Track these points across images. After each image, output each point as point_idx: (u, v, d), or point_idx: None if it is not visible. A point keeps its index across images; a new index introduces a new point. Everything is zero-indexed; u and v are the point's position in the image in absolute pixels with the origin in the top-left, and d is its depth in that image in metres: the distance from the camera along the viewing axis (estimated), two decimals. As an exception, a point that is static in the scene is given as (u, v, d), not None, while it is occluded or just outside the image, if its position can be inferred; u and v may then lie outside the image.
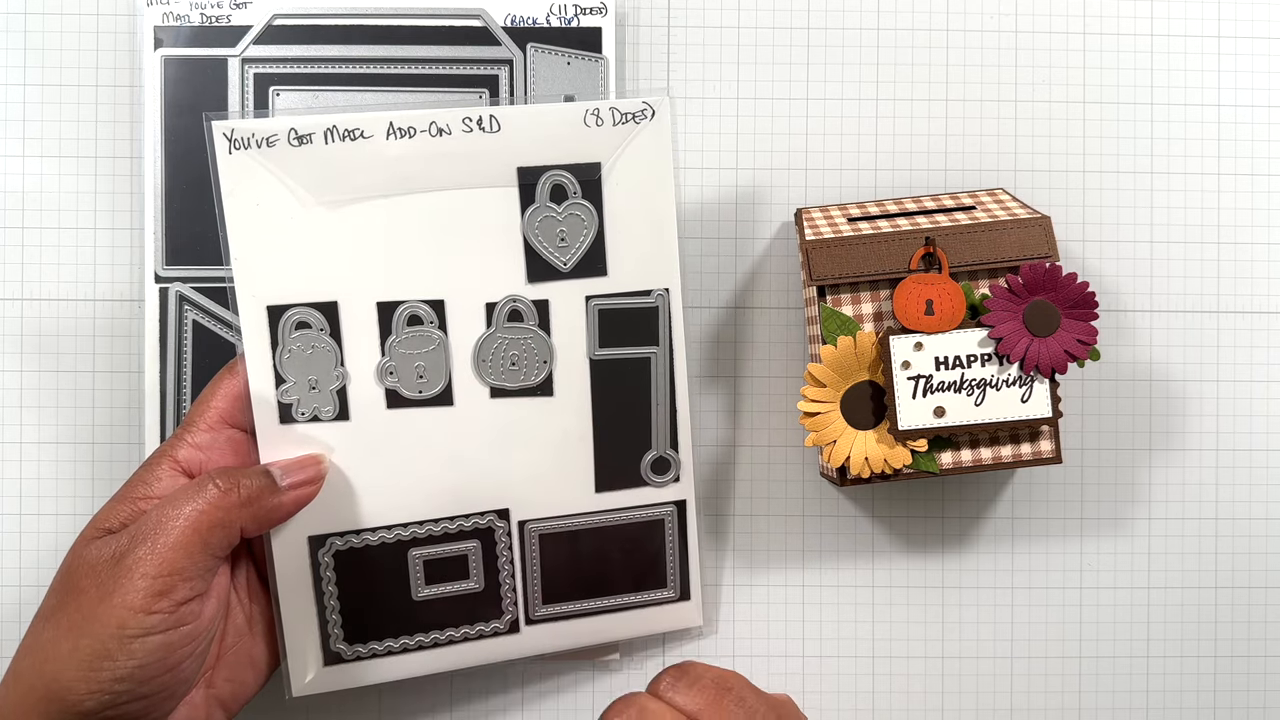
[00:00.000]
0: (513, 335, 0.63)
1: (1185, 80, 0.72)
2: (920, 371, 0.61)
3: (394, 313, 0.62)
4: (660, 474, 0.66)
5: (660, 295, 0.64)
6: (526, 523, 0.64)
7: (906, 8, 0.71)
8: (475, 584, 0.64)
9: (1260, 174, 0.72)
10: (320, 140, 0.60)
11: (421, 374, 0.62)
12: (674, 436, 0.66)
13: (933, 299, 0.61)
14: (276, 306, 0.60)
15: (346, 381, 0.62)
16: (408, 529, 0.63)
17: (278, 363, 0.61)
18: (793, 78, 0.71)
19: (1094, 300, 0.61)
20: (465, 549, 0.64)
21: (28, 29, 0.69)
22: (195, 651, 0.54)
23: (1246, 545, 0.72)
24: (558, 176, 0.62)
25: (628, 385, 0.65)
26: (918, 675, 0.71)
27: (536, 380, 0.63)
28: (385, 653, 0.64)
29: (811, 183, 0.71)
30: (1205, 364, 0.72)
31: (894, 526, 0.71)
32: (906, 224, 0.63)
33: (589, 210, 0.63)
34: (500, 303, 0.63)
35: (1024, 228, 0.62)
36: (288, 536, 0.61)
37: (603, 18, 0.69)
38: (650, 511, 0.66)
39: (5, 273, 0.69)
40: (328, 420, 0.61)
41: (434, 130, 0.61)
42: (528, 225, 0.62)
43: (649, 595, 0.67)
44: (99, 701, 0.51)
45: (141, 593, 0.52)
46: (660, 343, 0.65)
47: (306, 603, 0.62)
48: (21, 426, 0.69)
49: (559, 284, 0.63)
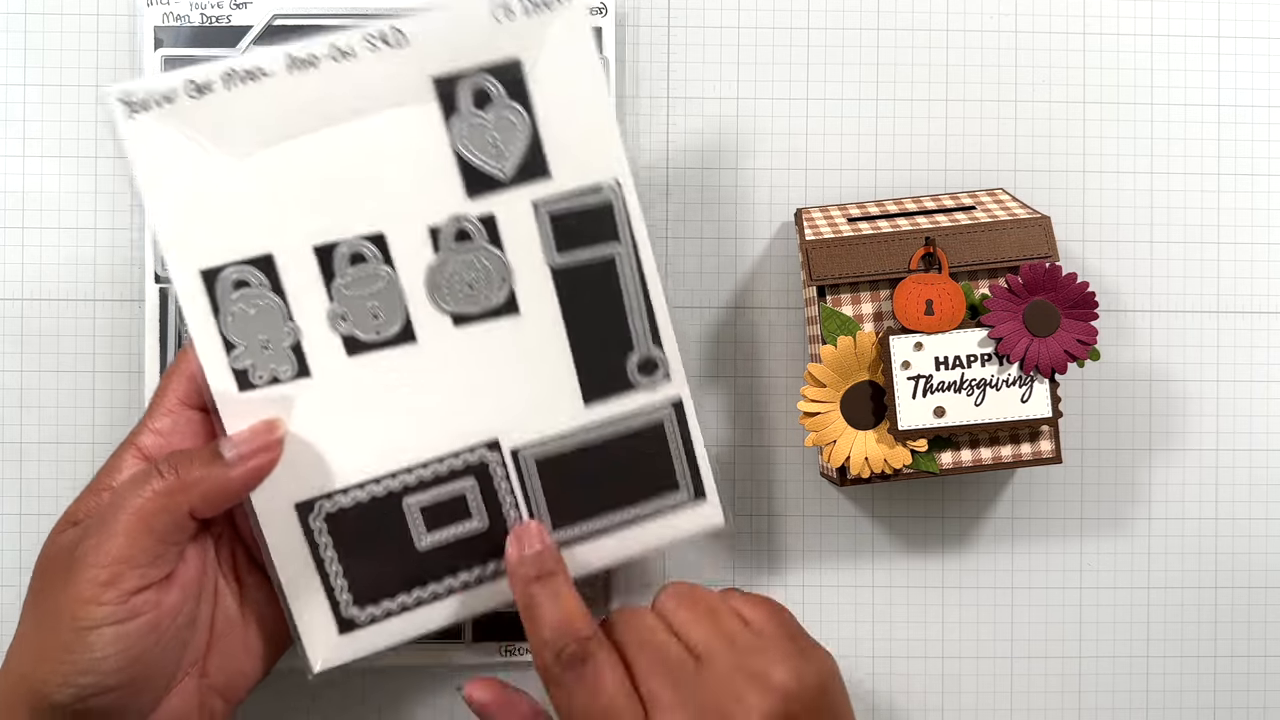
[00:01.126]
0: (464, 257, 0.60)
1: (1185, 80, 0.72)
2: (920, 371, 0.61)
3: (333, 255, 0.58)
4: (649, 374, 0.62)
5: (611, 188, 0.61)
6: (519, 450, 0.61)
7: (906, 8, 0.71)
8: (479, 523, 0.61)
9: (1260, 174, 0.72)
10: (220, 87, 0.56)
11: (376, 314, 0.59)
12: (655, 333, 0.62)
13: (933, 299, 0.61)
14: (209, 269, 0.57)
15: (299, 336, 0.58)
16: (396, 478, 0.60)
17: (223, 328, 0.57)
18: (793, 78, 0.71)
19: (1094, 300, 0.61)
20: (461, 488, 0.61)
21: (28, 29, 0.69)
22: (162, 642, 0.53)
23: (1246, 545, 0.72)
24: (478, 81, 0.58)
25: (596, 288, 0.61)
26: (918, 675, 0.71)
27: (499, 300, 0.60)
28: (400, 610, 0.61)
29: (811, 183, 0.71)
30: (1205, 364, 0.72)
31: (894, 526, 0.71)
32: (906, 224, 0.63)
33: (518, 111, 0.59)
34: (444, 225, 0.59)
35: (1024, 228, 0.62)
36: (274, 509, 0.59)
37: (603, 18, 0.68)
38: (646, 416, 0.62)
39: (5, 273, 0.69)
40: (288, 380, 0.58)
41: (337, 55, 0.57)
42: (455, 137, 0.59)
43: (662, 501, 0.63)
44: (69, 694, 0.51)
45: (89, 584, 0.51)
46: (621, 237, 0.61)
47: (308, 573, 0.60)
48: (21, 426, 0.69)
49: (502, 194, 0.59)
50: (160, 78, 0.56)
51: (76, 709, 0.51)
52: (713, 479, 0.63)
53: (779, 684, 0.53)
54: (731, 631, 0.55)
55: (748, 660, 0.54)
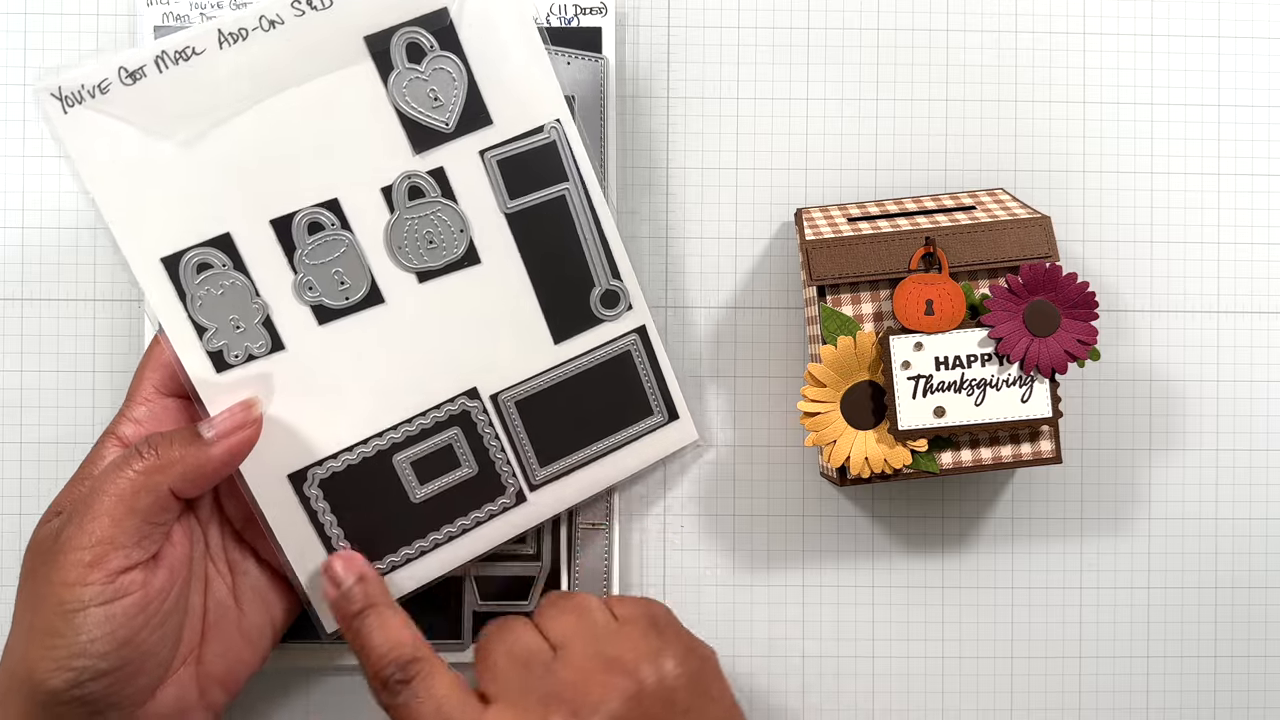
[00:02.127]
0: (420, 213, 0.61)
1: (1185, 80, 0.72)
2: (920, 371, 0.61)
3: (291, 226, 0.59)
4: (611, 307, 0.64)
5: (553, 128, 0.62)
6: (498, 395, 0.63)
7: (906, 8, 0.71)
8: (469, 469, 0.63)
9: (1260, 174, 0.72)
10: (154, 71, 0.56)
11: (342, 280, 0.60)
12: (613, 267, 0.64)
13: (933, 299, 0.61)
14: (170, 256, 0.58)
15: (269, 311, 0.59)
16: (383, 437, 0.62)
17: (192, 313, 0.58)
18: (793, 78, 0.71)
19: (1094, 300, 0.61)
20: (448, 438, 0.63)
21: (28, 29, 0.69)
22: (150, 623, 0.54)
23: (1246, 545, 0.72)
24: (409, 35, 0.59)
25: (551, 229, 0.63)
26: (918, 675, 0.71)
27: (459, 252, 0.61)
28: (404, 562, 0.63)
29: (811, 183, 0.71)
30: (1205, 364, 0.72)
31: (894, 526, 0.71)
32: (906, 224, 0.63)
33: (453, 61, 0.60)
34: (395, 183, 0.60)
35: (1024, 228, 0.62)
36: (267, 483, 0.60)
37: (603, 18, 0.68)
38: (614, 346, 0.65)
39: (5, 273, 0.69)
40: (263, 356, 0.59)
41: (265, 25, 0.57)
42: (394, 94, 0.59)
43: (639, 426, 0.66)
44: (63, 680, 0.51)
45: (74, 566, 0.51)
46: (569, 176, 0.63)
47: (310, 540, 0.61)
48: (21, 426, 0.69)
49: (448, 147, 0.61)
50: (91, 68, 0.56)
51: (73, 695, 0.51)
52: (683, 398, 0.67)
53: (634, 669, 0.54)
54: (595, 623, 0.56)
55: (606, 647, 0.55)
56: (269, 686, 0.69)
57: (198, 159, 0.58)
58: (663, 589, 0.70)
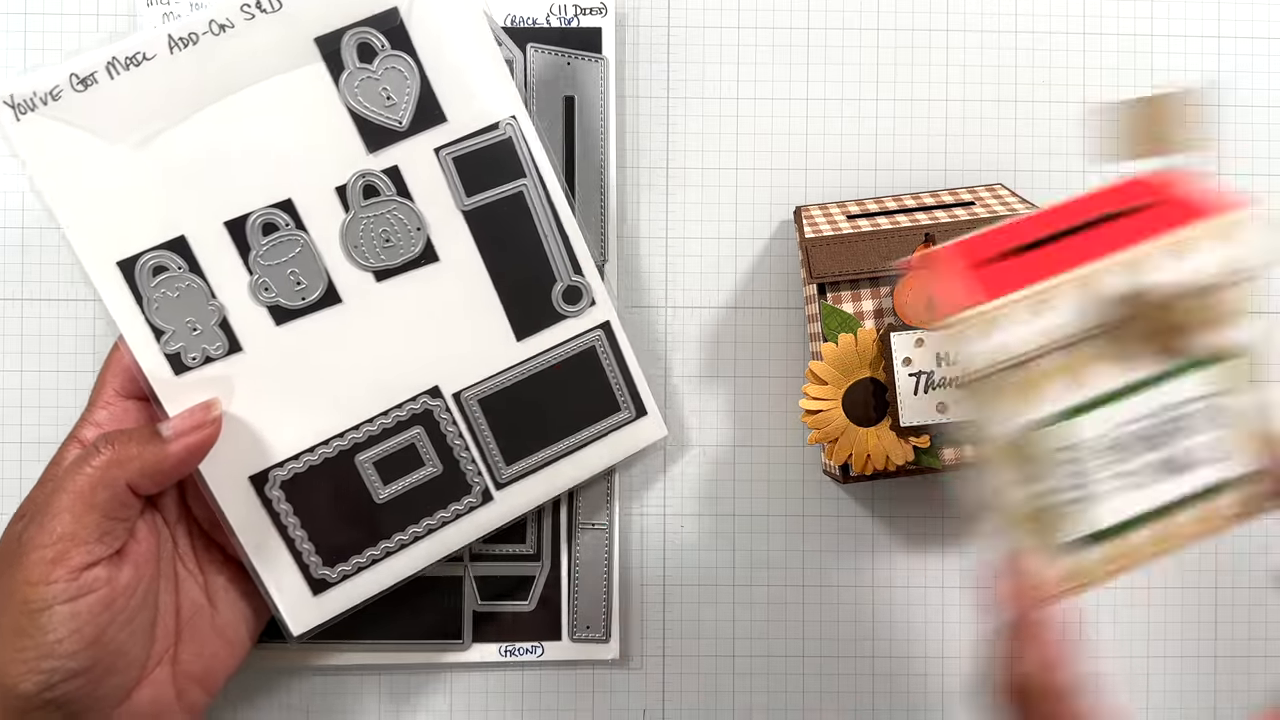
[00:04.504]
0: (375, 212, 0.61)
1: (1185, 80, 0.72)
2: (922, 368, 0.61)
3: (245, 227, 0.59)
4: (574, 303, 0.64)
5: (508, 124, 0.62)
6: (461, 393, 0.63)
7: (906, 8, 0.71)
8: (434, 468, 0.63)
9: (1260, 174, 0.72)
10: (105, 76, 0.56)
11: (298, 280, 0.60)
12: (574, 262, 0.64)
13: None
14: (126, 260, 0.58)
15: (225, 313, 0.59)
16: (345, 437, 0.61)
17: (149, 316, 0.58)
18: (793, 78, 0.71)
19: (1095, 295, 0.61)
20: (410, 438, 0.62)
21: (27, 29, 0.69)
22: (118, 620, 0.54)
23: (1246, 545, 0.72)
24: (359, 35, 0.59)
25: (510, 225, 0.63)
26: (918, 675, 0.71)
27: (417, 250, 0.61)
28: (370, 563, 0.62)
29: (811, 182, 0.71)
30: (1205, 364, 0.72)
31: (895, 526, 0.71)
32: (906, 220, 0.63)
33: (404, 60, 0.60)
34: (349, 182, 0.60)
35: (1024, 223, 0.62)
36: (228, 485, 0.60)
37: (603, 18, 0.69)
38: (578, 342, 0.65)
39: (5, 273, 0.69)
40: (221, 357, 0.59)
41: (215, 29, 0.57)
42: (346, 94, 0.59)
43: (607, 422, 0.66)
44: (34, 683, 0.51)
45: (37, 565, 0.52)
46: (526, 172, 0.62)
47: (273, 542, 0.61)
48: (21, 426, 0.69)
49: (402, 145, 0.61)
50: (42, 75, 0.56)
51: (45, 698, 0.51)
52: (650, 394, 0.66)
53: None
54: None
55: None
56: (270, 688, 0.69)
57: (151, 162, 0.58)
58: (662, 589, 0.70)
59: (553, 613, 0.69)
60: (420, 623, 0.68)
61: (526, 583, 0.69)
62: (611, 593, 0.69)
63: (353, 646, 0.67)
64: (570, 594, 0.69)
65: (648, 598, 0.70)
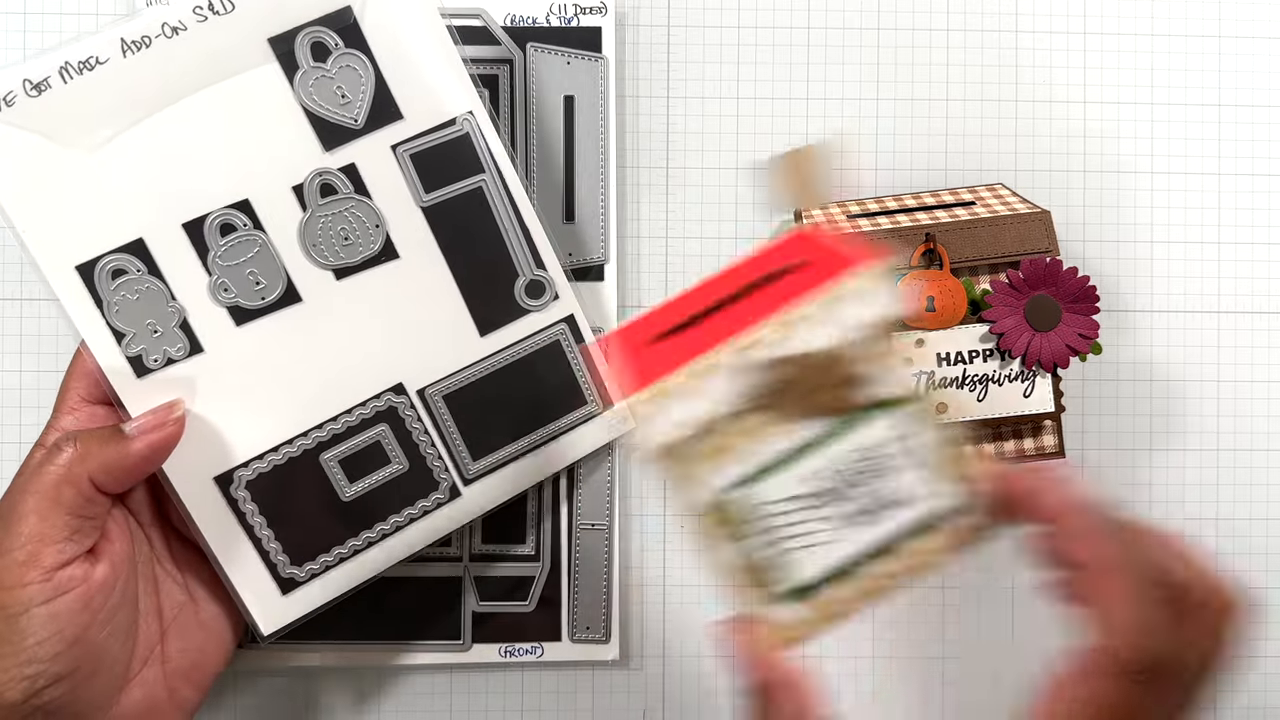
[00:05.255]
0: (333, 210, 0.60)
1: (1185, 80, 0.72)
2: (922, 368, 0.61)
3: (203, 228, 0.59)
4: (537, 297, 0.64)
5: (465, 119, 0.62)
6: (425, 389, 0.63)
7: (906, 8, 0.71)
8: (400, 465, 0.63)
9: (1260, 174, 0.72)
10: (58, 81, 0.56)
11: (257, 280, 0.60)
12: (536, 257, 0.64)
13: (934, 295, 0.61)
14: (85, 264, 0.58)
15: (185, 314, 0.59)
16: (309, 436, 0.61)
17: (109, 319, 0.58)
18: (793, 78, 0.71)
19: (1094, 294, 0.61)
20: (375, 435, 0.62)
21: (27, 29, 0.69)
22: (97, 619, 0.53)
23: (1247, 545, 0.72)
24: (313, 34, 0.59)
25: (470, 221, 0.62)
26: (918, 675, 0.71)
27: (376, 248, 0.61)
28: (338, 561, 0.62)
29: (812, 182, 0.71)
30: (1205, 364, 0.72)
31: (895, 526, 0.71)
32: (906, 220, 0.63)
33: (359, 58, 0.60)
34: (306, 181, 0.60)
35: (1024, 223, 0.62)
36: (193, 486, 0.60)
37: (602, 17, 0.69)
38: (542, 336, 0.64)
39: (5, 273, 0.69)
40: (182, 359, 0.59)
41: (168, 31, 0.57)
42: (300, 93, 0.59)
43: (573, 415, 0.66)
44: (19, 691, 0.51)
45: (9, 569, 0.51)
46: (485, 168, 0.62)
47: (240, 542, 0.61)
48: (21, 427, 0.69)
49: (358, 143, 0.60)
50: None
51: (32, 705, 0.51)
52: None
53: None
54: None
55: None
56: (269, 688, 0.69)
57: (107, 165, 0.58)
58: (662, 589, 0.70)
59: (553, 613, 0.69)
60: (420, 623, 0.68)
61: (526, 583, 0.68)
62: (611, 593, 0.69)
63: (352, 647, 0.67)
64: (570, 594, 0.69)
65: (648, 598, 0.70)
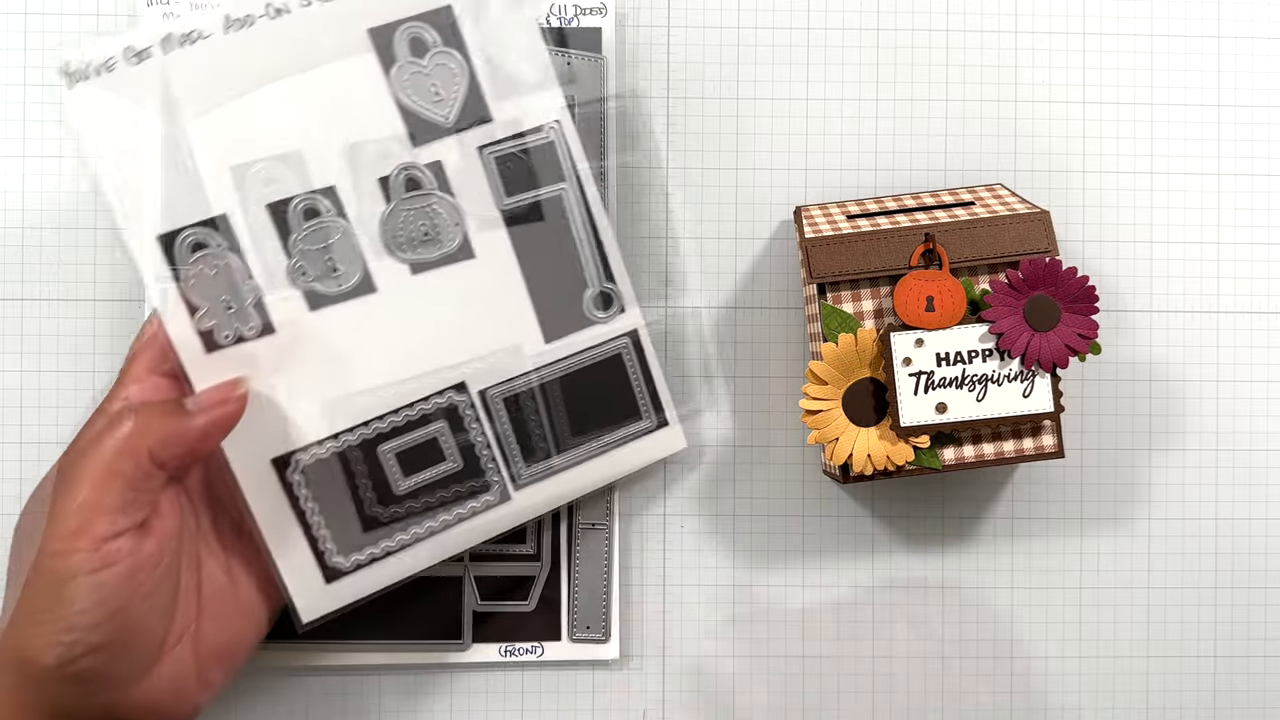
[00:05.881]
0: (416, 205, 0.61)
1: (1185, 80, 0.72)
2: (921, 368, 0.61)
3: (288, 210, 0.59)
4: (604, 309, 0.64)
5: (551, 128, 0.62)
6: (487, 390, 0.63)
7: (906, 8, 0.71)
8: (454, 464, 0.63)
9: (1260, 174, 0.72)
10: (159, 52, 0.57)
11: (335, 267, 0.60)
12: (607, 269, 0.64)
13: (933, 295, 0.61)
14: (166, 234, 0.58)
15: (260, 294, 0.59)
16: (369, 426, 0.61)
17: (185, 291, 0.58)
18: (793, 78, 0.71)
19: (1094, 294, 0.61)
20: (433, 432, 0.62)
21: (28, 29, 0.69)
22: (140, 593, 0.53)
23: (1246, 545, 0.72)
24: (412, 29, 0.60)
25: (546, 228, 0.63)
26: (918, 675, 0.71)
27: (454, 246, 0.61)
28: (384, 554, 0.62)
29: (811, 182, 0.71)
30: (1205, 364, 0.72)
31: (894, 525, 0.71)
32: (906, 220, 0.63)
33: (455, 57, 0.60)
34: (393, 174, 0.60)
35: (1023, 223, 0.62)
36: (251, 466, 0.60)
37: (603, 18, 0.69)
38: (605, 348, 0.65)
39: (5, 273, 0.69)
40: (253, 338, 0.59)
41: (272, 12, 0.58)
42: (396, 86, 0.60)
43: (627, 430, 0.66)
44: (56, 656, 0.51)
45: (60, 535, 0.51)
46: (566, 177, 0.63)
47: (290, 527, 0.61)
48: (21, 427, 0.69)
49: (446, 141, 0.61)
50: (98, 45, 0.56)
51: (66, 672, 0.51)
52: (672, 403, 0.66)
53: None
54: None
55: None
56: (268, 687, 0.69)
57: (199, 139, 0.58)
58: (663, 589, 0.70)
59: (553, 613, 0.69)
60: (420, 623, 0.68)
61: (526, 583, 0.69)
62: (611, 593, 0.69)
63: (353, 646, 0.67)
64: (570, 594, 0.69)
65: (648, 598, 0.70)
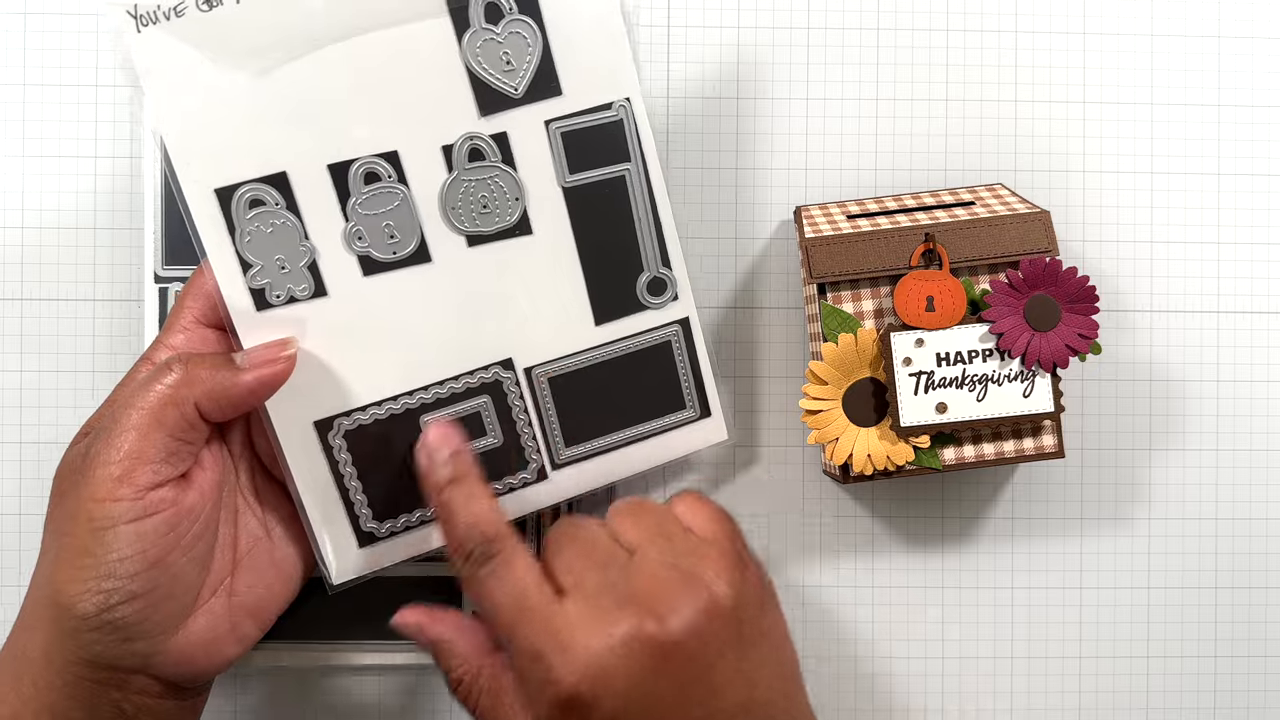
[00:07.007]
0: (477, 176, 0.60)
1: (1185, 80, 0.72)
2: (922, 368, 0.61)
3: (348, 173, 0.58)
4: (657, 295, 0.63)
5: (622, 106, 0.61)
6: (533, 368, 0.62)
7: (906, 8, 0.71)
8: (494, 439, 0.62)
9: (1260, 174, 0.72)
10: (231, 1, 0.55)
11: (392, 234, 0.59)
12: (664, 254, 0.63)
13: (933, 295, 0.61)
14: (225, 188, 0.57)
15: (315, 255, 0.58)
16: (414, 396, 0.61)
17: (240, 248, 0.57)
18: (793, 78, 0.71)
19: (1094, 294, 0.61)
20: (476, 405, 0.62)
21: (27, 29, 0.69)
22: (180, 544, 0.53)
23: (1246, 545, 0.72)
24: None
25: (607, 208, 0.62)
26: (918, 675, 0.71)
27: (512, 219, 0.60)
28: (419, 524, 0.62)
29: (811, 182, 0.71)
30: (1205, 364, 0.72)
31: (894, 525, 0.71)
32: (906, 220, 0.63)
33: (530, 26, 0.59)
34: (457, 143, 0.59)
35: (1023, 223, 0.62)
36: (293, 427, 0.59)
37: (603, 17, 0.68)
38: (655, 335, 0.64)
39: (5, 273, 0.69)
40: (305, 299, 0.58)
41: None
42: (467, 53, 0.58)
43: (670, 419, 0.65)
44: (94, 603, 0.50)
45: (103, 482, 0.51)
46: (631, 158, 0.62)
47: (328, 489, 0.60)
48: (21, 426, 0.69)
49: (514, 112, 0.60)
50: None
51: (103, 619, 0.51)
52: (718, 396, 0.65)
53: (710, 586, 0.52)
54: (670, 533, 0.55)
55: (683, 559, 0.53)
56: (268, 686, 0.69)
57: (264, 94, 0.57)
58: (663, 589, 0.70)
59: (553, 612, 0.69)
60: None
61: (526, 582, 0.68)
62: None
63: (353, 646, 0.67)
64: (570, 594, 0.69)
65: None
